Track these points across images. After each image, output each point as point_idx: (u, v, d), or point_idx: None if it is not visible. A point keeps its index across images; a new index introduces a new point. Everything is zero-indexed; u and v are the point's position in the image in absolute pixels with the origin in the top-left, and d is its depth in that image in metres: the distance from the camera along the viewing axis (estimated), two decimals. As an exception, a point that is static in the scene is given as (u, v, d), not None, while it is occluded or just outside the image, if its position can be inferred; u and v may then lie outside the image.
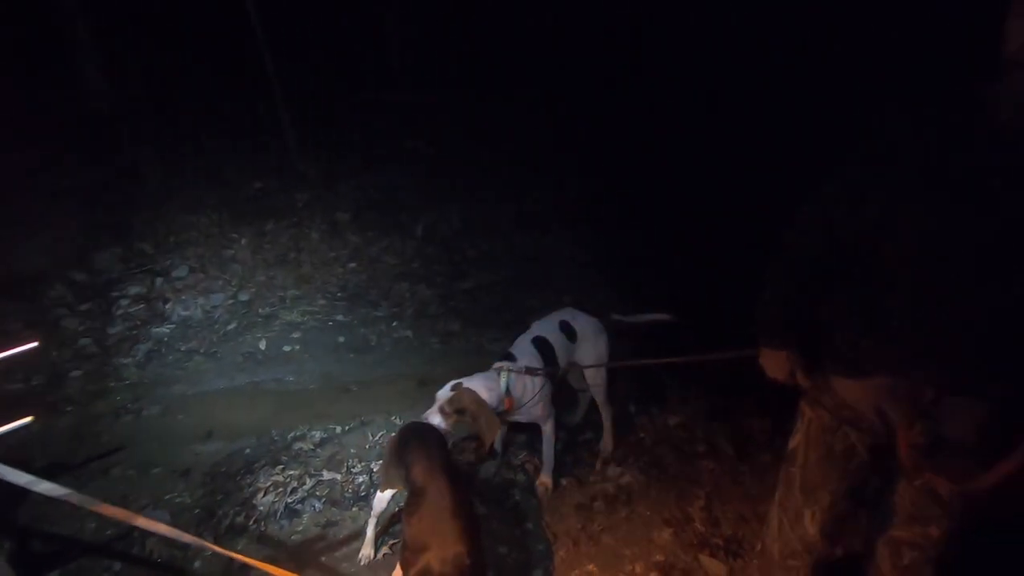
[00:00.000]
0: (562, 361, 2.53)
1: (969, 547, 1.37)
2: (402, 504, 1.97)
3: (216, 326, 3.87)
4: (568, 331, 2.60)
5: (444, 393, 2.24)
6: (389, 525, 2.32)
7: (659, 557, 2.25)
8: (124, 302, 3.95)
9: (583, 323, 2.68)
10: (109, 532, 2.30)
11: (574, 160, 5.99)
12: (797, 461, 1.55)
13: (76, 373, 3.34)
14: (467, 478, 2.61)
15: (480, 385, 2.24)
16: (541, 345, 2.49)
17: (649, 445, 2.86)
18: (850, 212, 1.25)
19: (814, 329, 1.41)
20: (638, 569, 2.21)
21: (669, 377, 3.29)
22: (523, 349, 2.47)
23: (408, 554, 1.66)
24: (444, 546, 1.59)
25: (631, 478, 2.62)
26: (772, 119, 5.03)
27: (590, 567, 2.21)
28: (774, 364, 1.49)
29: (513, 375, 2.32)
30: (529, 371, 2.36)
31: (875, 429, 1.38)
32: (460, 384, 2.24)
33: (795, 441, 1.57)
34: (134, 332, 3.72)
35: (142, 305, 3.95)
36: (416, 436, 2.02)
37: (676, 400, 3.15)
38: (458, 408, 2.18)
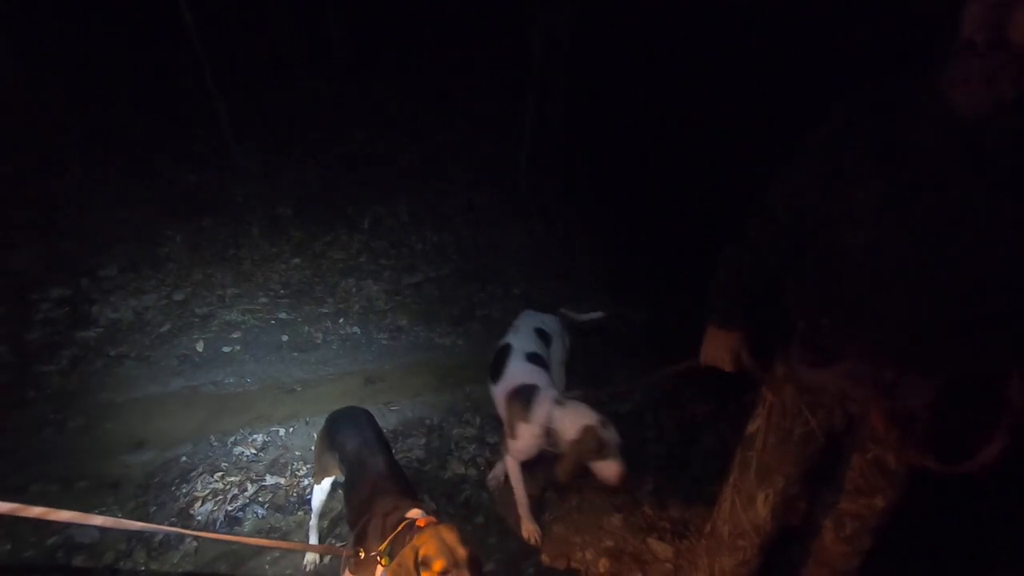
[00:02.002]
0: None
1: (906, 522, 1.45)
2: (343, 503, 1.92)
3: (148, 328, 3.65)
4: (544, 337, 2.55)
5: (564, 420, 2.05)
6: (333, 527, 2.25)
7: (609, 543, 2.28)
8: (44, 305, 3.67)
9: (551, 324, 2.64)
10: (28, 554, 2.14)
11: (524, 152, 5.97)
12: (755, 445, 1.59)
13: (-10, 384, 3.09)
14: (415, 472, 2.57)
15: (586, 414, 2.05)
16: (540, 362, 2.37)
17: (599, 433, 2.89)
18: (810, 196, 1.26)
19: (775, 315, 1.43)
20: (588, 556, 2.23)
21: (618, 366, 3.34)
22: (536, 374, 2.29)
23: (355, 520, 1.64)
24: (389, 508, 1.56)
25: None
26: (728, 108, 5.12)
27: (542, 557, 2.22)
28: (721, 345, 1.50)
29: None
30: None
31: (835, 413, 1.42)
32: (587, 420, 2.02)
33: (754, 426, 1.59)
34: (56, 337, 3.46)
35: (65, 308, 3.68)
36: (346, 417, 1.99)
37: (625, 388, 3.19)
38: (579, 441, 1.99)
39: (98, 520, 1.19)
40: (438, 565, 1.30)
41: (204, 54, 5.08)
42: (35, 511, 1.07)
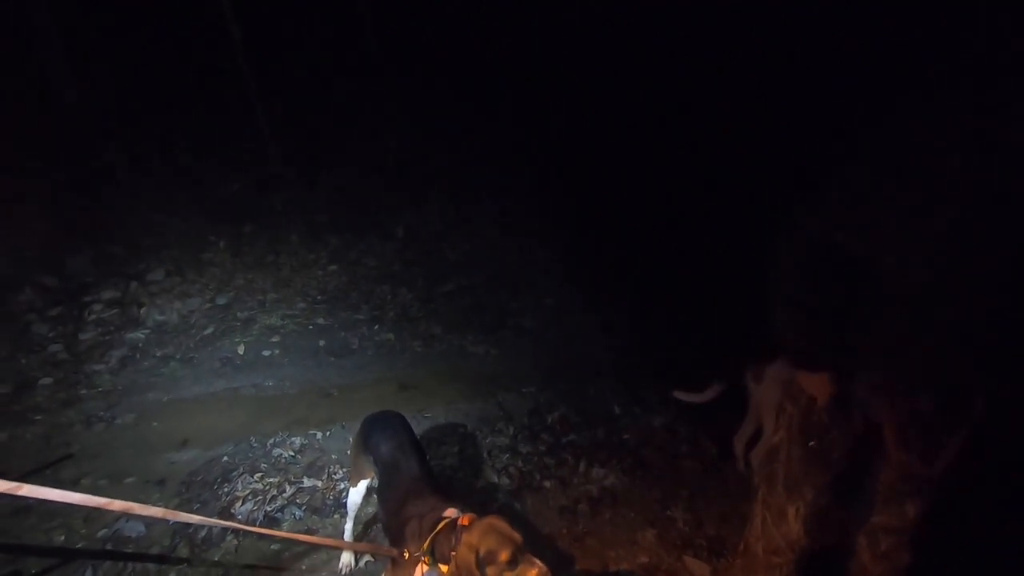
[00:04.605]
0: None
1: (941, 535, 1.43)
2: (377, 508, 1.95)
3: (193, 331, 3.78)
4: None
5: None
6: (367, 530, 2.28)
7: (643, 558, 2.25)
8: (97, 307, 3.84)
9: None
10: (80, 544, 2.23)
11: (559, 163, 6.00)
12: (780, 457, 1.57)
13: (45, 381, 3.24)
14: (448, 481, 2.59)
15: None
16: None
17: (633, 446, 2.87)
18: (853, 225, 1.19)
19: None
20: (623, 571, 2.20)
21: (652, 379, 3.31)
22: None
23: (391, 522, 1.66)
24: (425, 509, 1.57)
25: (615, 479, 2.62)
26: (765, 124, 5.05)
27: (575, 571, 2.21)
28: (818, 387, 1.41)
29: None
30: None
31: (854, 419, 1.41)
32: None
33: (776, 438, 1.58)
34: (107, 338, 3.62)
35: (115, 310, 3.85)
36: (381, 421, 2.01)
37: (659, 401, 3.16)
38: None
39: (157, 512, 1.25)
40: (504, 555, 1.31)
41: (247, 65, 5.28)
42: (117, 504, 1.16)
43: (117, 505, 1.16)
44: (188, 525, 2.32)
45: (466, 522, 1.43)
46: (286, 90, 5.94)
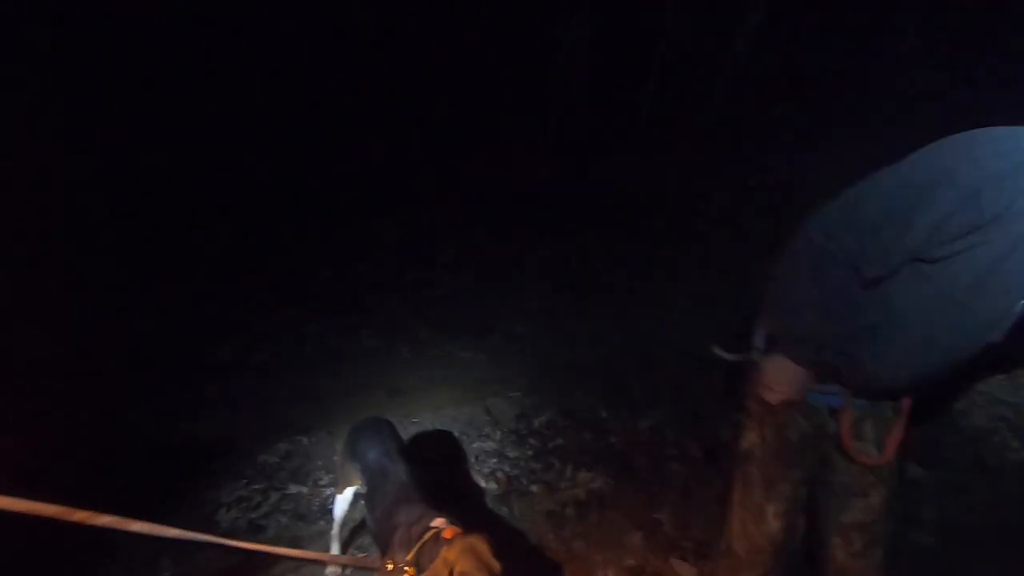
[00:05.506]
0: None
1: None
2: (365, 515, 1.93)
3: (179, 335, 3.75)
4: None
5: None
6: (354, 537, 2.27)
7: (631, 561, 2.25)
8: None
9: None
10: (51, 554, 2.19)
11: (547, 166, 6.04)
12: (755, 459, 1.56)
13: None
14: (436, 485, 2.58)
15: None
16: None
17: (620, 449, 2.88)
18: (889, 238, 1.15)
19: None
20: (610, 574, 2.21)
21: (639, 381, 3.32)
22: None
23: (379, 529, 1.64)
24: (413, 517, 1.55)
25: (601, 483, 2.63)
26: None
27: (564, 575, 2.20)
28: (790, 377, 1.39)
29: None
30: None
31: (822, 411, 1.44)
32: None
33: (749, 441, 1.58)
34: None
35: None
36: (368, 427, 2.00)
37: (646, 404, 3.17)
38: None
39: (137, 526, 1.21)
40: None
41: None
42: (79, 515, 1.10)
43: (77, 516, 1.11)
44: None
45: (449, 535, 1.42)
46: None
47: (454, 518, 1.52)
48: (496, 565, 1.32)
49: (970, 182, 1.06)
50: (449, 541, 1.38)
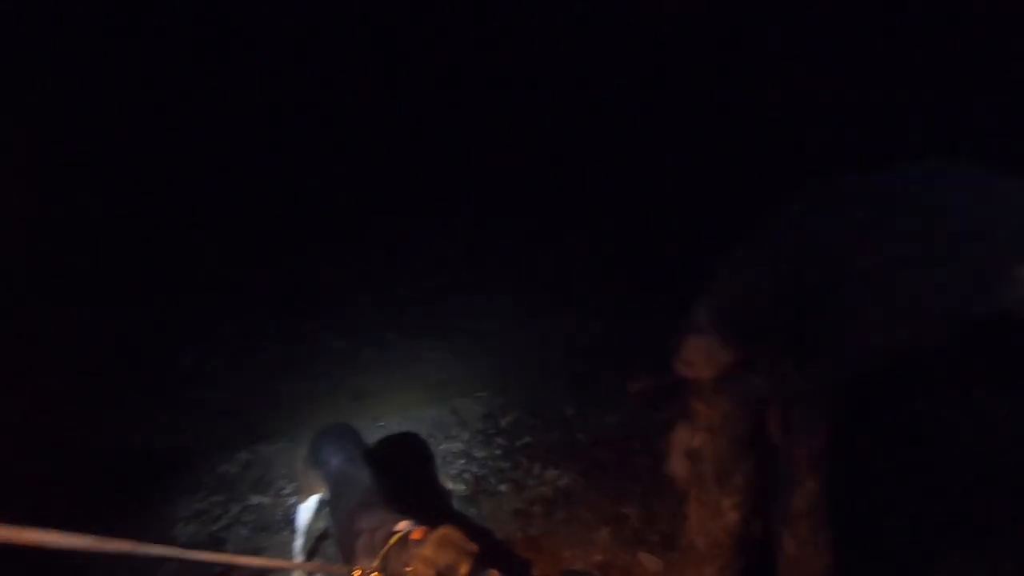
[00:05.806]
0: None
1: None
2: (328, 523, 1.90)
3: (129, 346, 3.61)
4: None
5: None
6: (318, 547, 2.23)
7: (598, 557, 2.28)
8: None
9: None
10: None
11: (514, 168, 6.01)
12: (706, 457, 1.60)
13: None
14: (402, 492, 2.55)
15: None
16: None
17: (586, 446, 2.90)
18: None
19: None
20: (578, 570, 2.23)
21: (604, 378, 3.35)
22: None
23: (342, 537, 1.62)
24: (376, 523, 1.53)
25: (569, 480, 2.65)
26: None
27: (533, 572, 2.21)
28: (709, 356, 1.45)
29: None
30: None
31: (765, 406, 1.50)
32: None
33: (697, 441, 1.60)
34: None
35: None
36: (331, 433, 1.98)
37: (612, 399, 3.21)
38: None
39: (83, 543, 1.16)
40: (464, 568, 1.29)
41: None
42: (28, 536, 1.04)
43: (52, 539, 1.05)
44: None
45: (418, 536, 1.40)
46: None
47: (418, 520, 1.51)
48: (474, 547, 1.33)
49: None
50: (419, 542, 1.37)
